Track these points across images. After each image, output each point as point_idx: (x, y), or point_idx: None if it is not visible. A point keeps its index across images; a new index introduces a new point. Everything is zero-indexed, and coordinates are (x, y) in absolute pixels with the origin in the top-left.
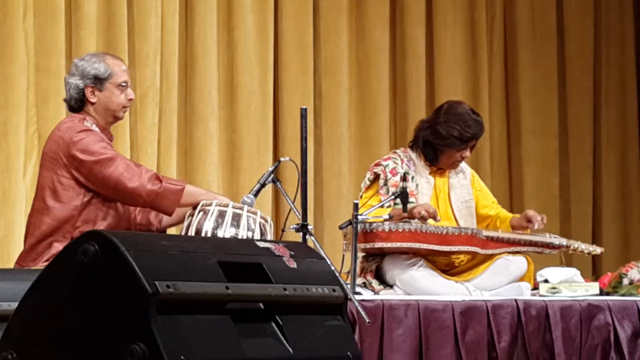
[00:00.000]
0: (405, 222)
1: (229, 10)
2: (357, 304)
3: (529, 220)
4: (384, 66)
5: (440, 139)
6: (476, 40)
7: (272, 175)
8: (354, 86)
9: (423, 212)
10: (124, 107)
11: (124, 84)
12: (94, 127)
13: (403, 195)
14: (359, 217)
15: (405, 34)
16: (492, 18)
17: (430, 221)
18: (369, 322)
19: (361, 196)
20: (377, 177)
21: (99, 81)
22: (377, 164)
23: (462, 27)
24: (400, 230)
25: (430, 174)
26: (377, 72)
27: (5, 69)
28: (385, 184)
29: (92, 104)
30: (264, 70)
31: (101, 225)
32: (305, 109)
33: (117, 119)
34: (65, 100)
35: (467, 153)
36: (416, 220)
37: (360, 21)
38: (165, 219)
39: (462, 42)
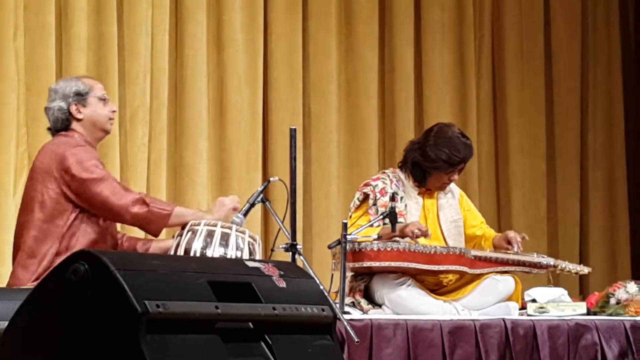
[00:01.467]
0: (394, 241)
1: (219, 30)
2: (345, 323)
3: (509, 242)
4: (373, 85)
5: (429, 162)
6: (464, 60)
7: (261, 195)
8: (343, 105)
9: (415, 230)
10: (110, 119)
11: (104, 97)
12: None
13: (392, 215)
14: (348, 236)
15: (394, 54)
16: (480, 38)
17: (421, 239)
18: (357, 342)
19: (350, 216)
20: (366, 197)
21: (81, 97)
22: (367, 184)
23: (450, 47)
24: (389, 249)
25: (418, 194)
26: (366, 92)
27: None
28: (375, 204)
29: (79, 120)
30: (254, 89)
31: (88, 243)
32: (295, 129)
33: (105, 132)
34: (49, 128)
35: (455, 176)
36: (405, 239)
37: (349, 40)
38: (152, 249)
39: (451, 62)
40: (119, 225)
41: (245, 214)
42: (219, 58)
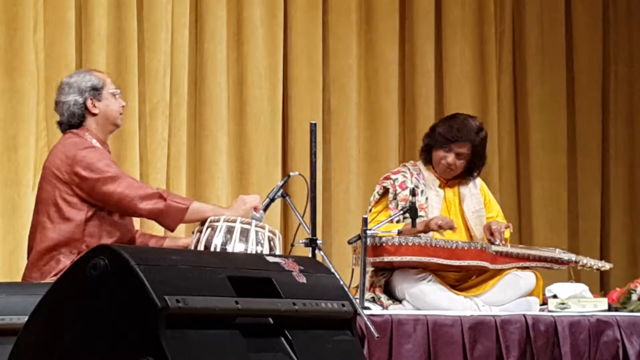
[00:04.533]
0: (416, 236)
1: (239, 25)
2: (366, 318)
3: (491, 234)
4: (393, 81)
5: (431, 138)
6: (485, 55)
7: (281, 190)
8: (363, 101)
9: (440, 222)
10: (120, 113)
11: (115, 92)
12: (96, 143)
13: (412, 210)
14: (368, 231)
15: (414, 49)
16: (501, 33)
17: (447, 232)
18: (377, 337)
19: (370, 210)
20: (386, 191)
21: (97, 91)
22: (387, 178)
23: (471, 42)
24: (410, 244)
25: (439, 186)
26: (387, 87)
27: (15, 82)
28: (395, 198)
29: (94, 115)
30: (273, 84)
31: (106, 240)
32: (315, 124)
33: (116, 126)
34: (60, 122)
35: (451, 158)
36: (428, 234)
37: (370, 36)
38: (165, 247)
39: (471, 57)
40: (136, 222)
41: (265, 209)
42: (239, 53)
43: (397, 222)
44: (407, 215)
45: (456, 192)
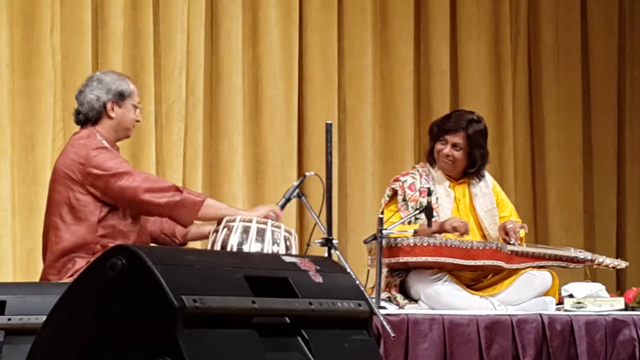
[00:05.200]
0: (431, 236)
1: (254, 25)
2: (382, 318)
3: (506, 233)
4: (408, 81)
5: (430, 135)
6: (500, 55)
7: (297, 190)
8: (379, 101)
9: (455, 225)
10: (133, 126)
11: (138, 106)
12: (106, 144)
13: (427, 210)
14: (384, 231)
15: (429, 49)
16: (516, 33)
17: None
18: (394, 337)
19: (382, 212)
20: (395, 193)
21: (121, 98)
22: (396, 180)
23: (486, 42)
24: (425, 244)
25: (449, 186)
26: (402, 87)
27: (32, 83)
28: (404, 200)
29: (110, 118)
30: (289, 84)
31: (119, 237)
32: (331, 124)
33: (127, 137)
34: (77, 111)
35: (447, 149)
36: (442, 234)
37: (385, 36)
38: (190, 234)
39: (487, 57)
40: None
41: (281, 209)
42: (255, 53)
43: (410, 223)
44: (419, 217)
45: (466, 191)
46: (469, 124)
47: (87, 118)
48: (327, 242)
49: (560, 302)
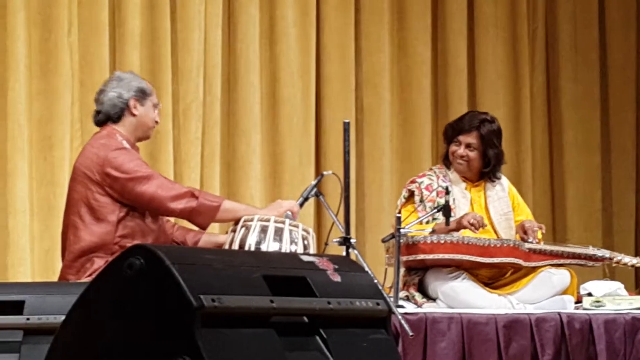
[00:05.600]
0: (449, 234)
1: (271, 24)
2: (400, 317)
3: (525, 232)
4: (425, 80)
5: (444, 138)
6: (518, 53)
7: (315, 189)
8: (396, 100)
9: (472, 220)
10: (153, 126)
11: (157, 105)
12: (126, 145)
13: (445, 209)
14: (402, 230)
15: (447, 48)
16: (534, 31)
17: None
18: (412, 336)
19: (399, 211)
20: (411, 194)
21: (143, 95)
22: (412, 181)
23: (503, 41)
24: (442, 242)
25: (465, 188)
26: (419, 86)
27: (50, 83)
28: (422, 201)
29: (133, 115)
30: (306, 83)
31: (137, 236)
32: (348, 123)
33: (146, 137)
34: (97, 111)
35: (462, 150)
36: (460, 231)
37: (402, 34)
38: (201, 243)
39: (504, 56)
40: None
41: (299, 208)
42: (272, 52)
43: (427, 222)
44: (436, 216)
45: (482, 194)
46: (482, 123)
47: (108, 117)
48: (345, 241)
49: (578, 301)
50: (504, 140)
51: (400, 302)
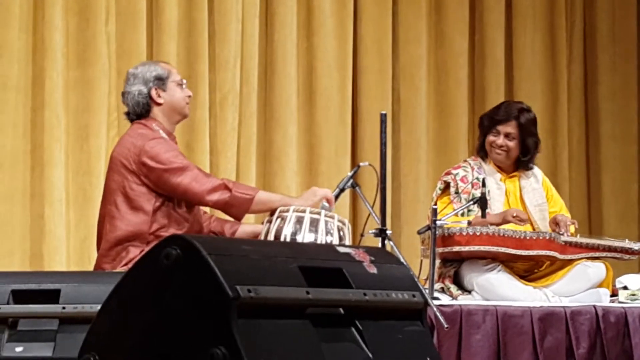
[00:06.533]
0: (484, 226)
1: (309, 15)
2: (435, 309)
3: (557, 224)
4: (463, 71)
5: (480, 128)
6: (555, 45)
7: (351, 180)
8: (433, 91)
9: (515, 214)
10: (187, 103)
11: (181, 82)
12: (163, 134)
13: (482, 201)
14: (438, 222)
15: (484, 39)
16: (572, 23)
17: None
18: (447, 328)
19: (435, 203)
20: (447, 186)
21: (161, 81)
22: (448, 173)
23: (541, 32)
24: (478, 234)
25: (500, 179)
26: (456, 77)
27: (87, 72)
28: (457, 192)
29: (159, 105)
30: (343, 75)
31: (175, 231)
32: (385, 114)
33: (184, 116)
34: (127, 113)
35: (501, 140)
36: (502, 225)
37: (440, 26)
38: (238, 233)
39: (542, 47)
40: (207, 208)
41: (335, 199)
42: (309, 43)
43: (462, 214)
44: (471, 208)
45: (517, 185)
46: (520, 112)
47: (137, 115)
48: (381, 233)
49: (614, 294)
50: (540, 131)
51: (436, 294)
